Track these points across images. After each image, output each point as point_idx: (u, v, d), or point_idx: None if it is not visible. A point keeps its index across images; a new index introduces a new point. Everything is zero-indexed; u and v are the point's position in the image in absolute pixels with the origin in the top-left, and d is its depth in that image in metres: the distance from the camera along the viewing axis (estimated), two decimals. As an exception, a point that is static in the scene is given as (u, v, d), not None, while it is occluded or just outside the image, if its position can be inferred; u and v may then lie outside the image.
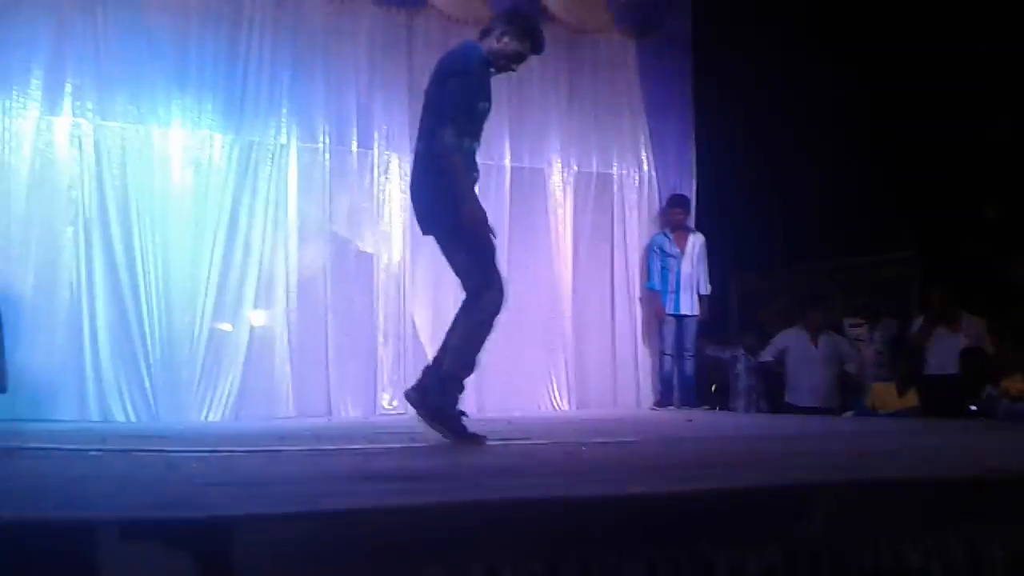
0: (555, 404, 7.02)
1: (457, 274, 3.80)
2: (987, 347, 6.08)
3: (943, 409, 5.49)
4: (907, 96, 6.98)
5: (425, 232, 3.86)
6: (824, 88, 7.16)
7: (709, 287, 7.17)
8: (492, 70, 3.78)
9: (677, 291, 7.09)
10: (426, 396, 3.66)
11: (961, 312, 6.43)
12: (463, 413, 3.69)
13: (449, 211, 3.61)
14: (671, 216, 7.25)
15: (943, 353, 6.20)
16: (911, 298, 7.43)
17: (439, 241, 3.83)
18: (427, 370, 3.77)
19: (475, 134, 3.74)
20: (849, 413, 6.30)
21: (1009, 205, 7.01)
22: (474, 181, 3.75)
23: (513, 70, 3.91)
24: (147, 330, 5.85)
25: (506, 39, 3.75)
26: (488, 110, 3.77)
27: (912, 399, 5.83)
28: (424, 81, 6.91)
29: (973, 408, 5.63)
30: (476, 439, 3.58)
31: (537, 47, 3.85)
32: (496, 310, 3.69)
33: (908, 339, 6.46)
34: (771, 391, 7.19)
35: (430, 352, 6.61)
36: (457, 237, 3.69)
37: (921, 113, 6.98)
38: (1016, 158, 6.71)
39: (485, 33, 3.83)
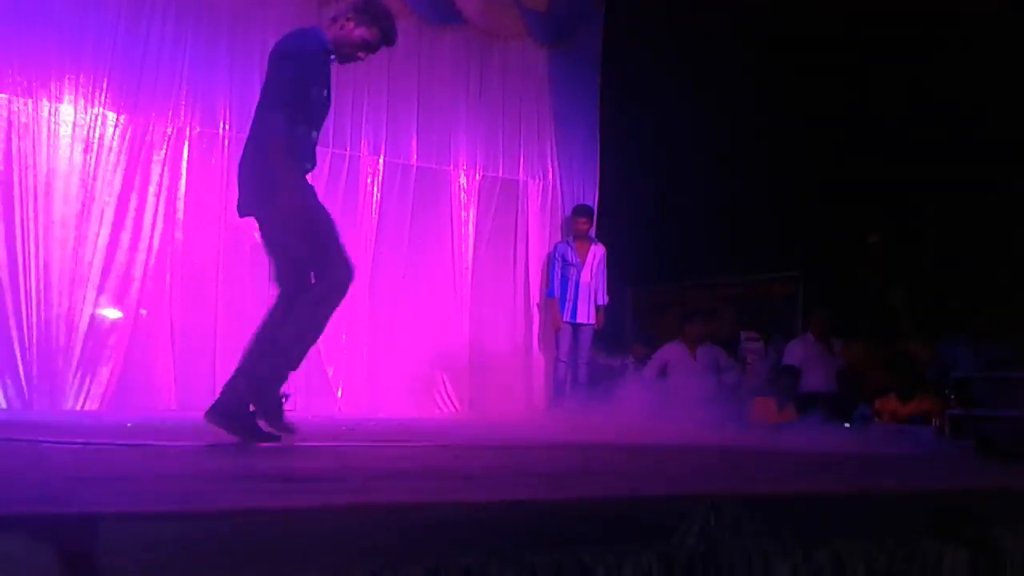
0: (448, 407, 7.01)
1: (276, 261, 3.61)
2: (860, 369, 6.39)
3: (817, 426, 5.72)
4: (804, 123, 7.25)
5: (242, 215, 3.65)
6: (725, 112, 7.38)
7: (607, 298, 7.30)
8: (333, 58, 3.65)
9: (575, 299, 7.19)
10: (227, 400, 3.50)
11: (831, 336, 6.74)
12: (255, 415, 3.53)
13: (272, 197, 3.46)
14: (575, 225, 7.34)
15: (820, 372, 6.47)
16: (796, 317, 7.72)
17: (261, 226, 3.65)
18: (243, 367, 3.58)
19: (312, 122, 3.60)
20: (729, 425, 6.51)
21: (891, 232, 7.37)
22: (306, 171, 3.59)
23: (360, 59, 3.75)
24: (23, 313, 5.58)
25: (352, 25, 3.62)
26: (327, 99, 3.65)
27: (790, 414, 6.06)
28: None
29: (846, 426, 5.89)
30: (270, 438, 3.45)
31: (388, 38, 3.71)
32: (338, 298, 3.56)
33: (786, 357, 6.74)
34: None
35: (322, 347, 6.55)
36: (277, 225, 3.54)
37: (814, 140, 7.27)
38: (901, 187, 7.06)
39: (333, 20, 3.69)
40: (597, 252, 7.30)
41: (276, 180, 3.43)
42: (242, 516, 1.87)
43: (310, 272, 3.54)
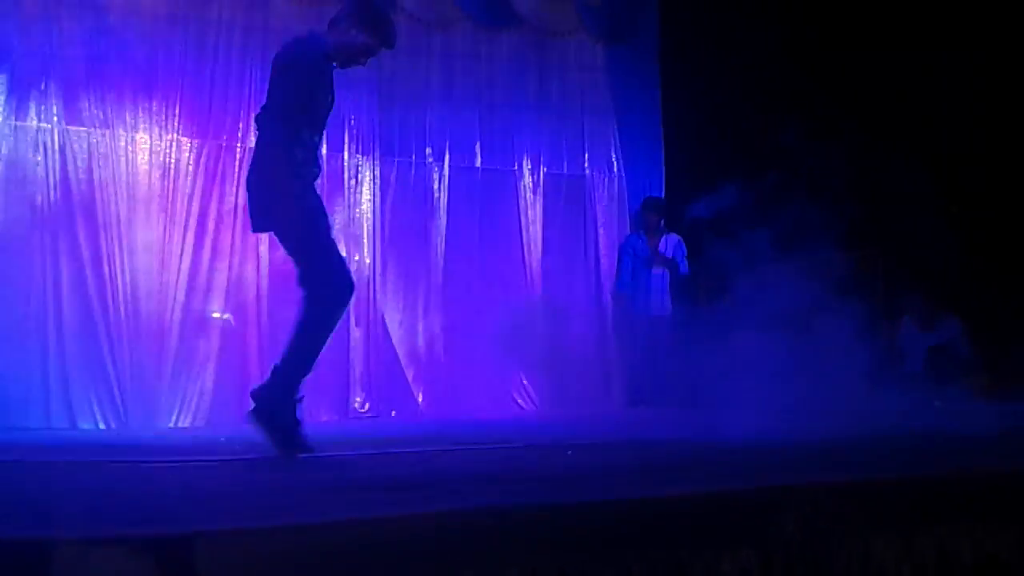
0: (528, 405, 7.04)
1: (301, 274, 3.63)
2: (961, 346, 6.20)
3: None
4: (874, 97, 7.07)
5: (255, 229, 3.74)
6: (790, 88, 7.24)
7: (688, 269, 7.14)
8: (334, 64, 3.66)
9: (648, 292, 7.15)
10: (263, 399, 3.51)
11: (936, 311, 6.54)
12: (299, 422, 3.54)
13: (280, 207, 3.50)
14: (645, 218, 7.30)
15: (916, 350, 6.31)
16: (877, 295, 7.51)
17: (279, 238, 3.71)
18: (273, 370, 3.61)
19: (315, 126, 3.62)
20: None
21: (973, 203, 7.13)
22: (314, 176, 3.62)
23: (362, 63, 3.77)
24: (115, 335, 5.78)
25: (353, 31, 3.62)
26: (330, 103, 3.66)
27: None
28: (393, 86, 6.94)
29: (936, 404, 5.72)
30: (306, 448, 3.47)
31: (387, 41, 3.71)
32: (334, 311, 3.58)
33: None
34: None
35: (400, 352, 6.68)
36: (290, 234, 3.59)
37: (888, 108, 7.07)
38: (979, 156, 6.83)
39: (333, 24, 3.69)
40: (670, 242, 7.24)
41: (284, 193, 3.47)
42: (343, 527, 1.92)
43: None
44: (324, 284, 3.53)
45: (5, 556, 1.68)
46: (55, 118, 5.81)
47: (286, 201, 3.49)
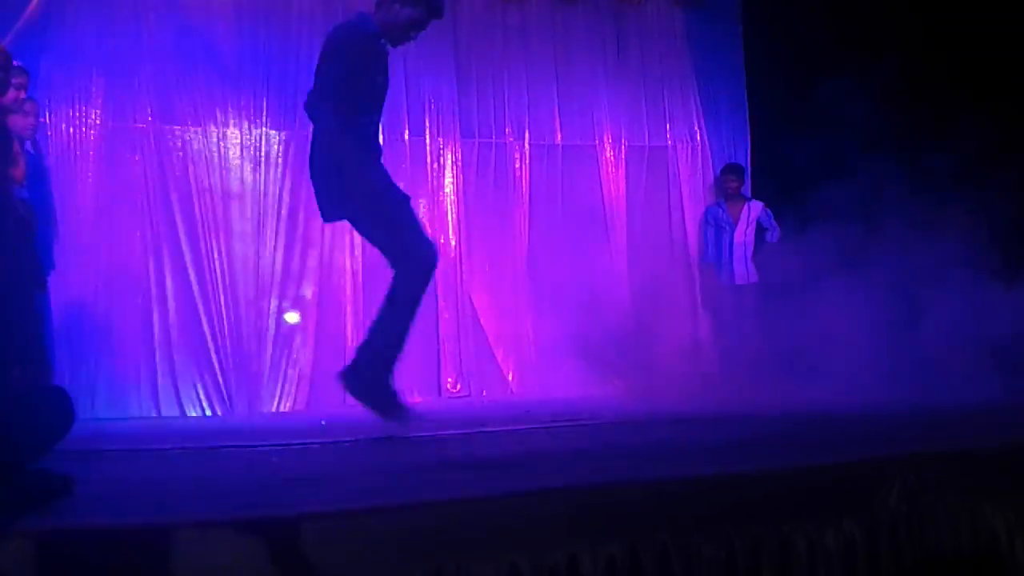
0: (618, 380, 7.00)
1: (382, 252, 3.60)
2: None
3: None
4: (962, 60, 6.76)
5: (326, 219, 3.67)
6: (879, 46, 6.97)
7: (777, 237, 6.96)
8: (383, 42, 3.59)
9: (731, 261, 7.02)
10: (357, 376, 3.49)
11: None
12: (395, 392, 3.52)
13: (348, 190, 3.46)
14: (724, 185, 7.16)
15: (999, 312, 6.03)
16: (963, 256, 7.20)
17: (352, 223, 3.68)
18: (359, 349, 3.58)
19: (370, 109, 3.59)
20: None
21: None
22: (376, 155, 3.58)
23: (412, 38, 3.69)
24: (216, 327, 6.00)
25: (397, 6, 3.56)
26: (382, 84, 3.62)
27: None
28: (470, 67, 6.95)
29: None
30: (407, 412, 3.46)
31: (435, 11, 3.64)
32: (421, 284, 3.50)
33: None
34: None
35: (489, 332, 6.75)
36: (364, 215, 3.54)
37: (981, 68, 6.76)
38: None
39: (379, 3, 3.63)
40: (752, 209, 7.08)
41: (349, 179, 3.44)
42: (441, 507, 1.96)
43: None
44: (406, 259, 3.49)
45: (128, 541, 1.77)
46: (149, 118, 6.02)
47: (352, 186, 3.47)
